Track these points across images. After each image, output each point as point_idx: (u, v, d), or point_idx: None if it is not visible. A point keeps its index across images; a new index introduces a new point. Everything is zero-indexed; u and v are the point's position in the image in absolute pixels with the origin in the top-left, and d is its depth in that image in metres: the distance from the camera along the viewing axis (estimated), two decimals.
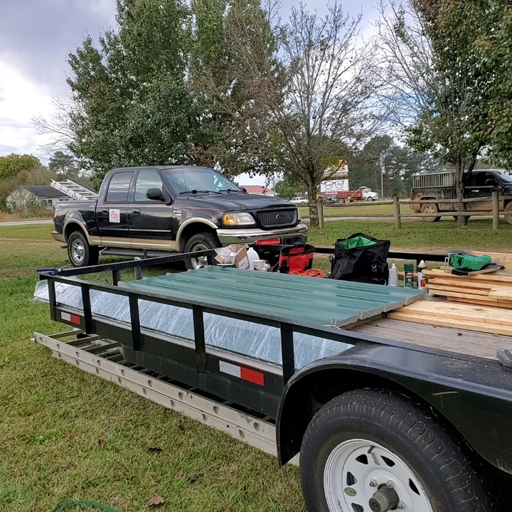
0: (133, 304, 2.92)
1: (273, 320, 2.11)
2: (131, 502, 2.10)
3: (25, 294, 6.75)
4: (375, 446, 1.51)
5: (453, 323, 2.43)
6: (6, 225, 32.28)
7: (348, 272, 3.91)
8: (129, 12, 20.45)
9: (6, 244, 16.45)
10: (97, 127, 20.63)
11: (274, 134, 19.07)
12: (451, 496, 1.28)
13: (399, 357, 1.56)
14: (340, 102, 18.24)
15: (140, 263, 4.83)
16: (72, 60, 21.14)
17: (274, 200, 8.61)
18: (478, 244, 10.14)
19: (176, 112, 18.68)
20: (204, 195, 7.97)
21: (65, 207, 10.00)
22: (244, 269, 4.61)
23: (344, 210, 26.55)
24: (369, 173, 69.01)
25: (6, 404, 3.17)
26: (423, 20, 14.48)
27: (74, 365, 3.82)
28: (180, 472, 2.30)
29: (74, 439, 2.67)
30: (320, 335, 1.98)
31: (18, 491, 2.21)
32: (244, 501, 2.06)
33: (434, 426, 1.35)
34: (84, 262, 9.40)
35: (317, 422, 1.61)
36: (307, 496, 1.71)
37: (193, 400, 2.78)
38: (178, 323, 2.80)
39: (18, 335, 4.76)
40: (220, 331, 2.55)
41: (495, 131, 11.59)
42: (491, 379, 1.30)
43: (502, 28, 10.55)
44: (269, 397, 2.24)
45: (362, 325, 2.58)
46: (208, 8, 20.15)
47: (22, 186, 59.31)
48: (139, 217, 8.18)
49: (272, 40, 20.15)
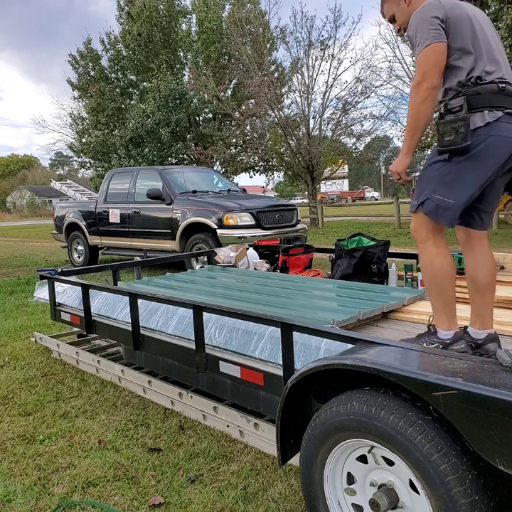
0: (133, 304, 2.92)
1: (273, 320, 2.11)
2: (131, 502, 2.10)
3: (25, 294, 6.74)
4: (375, 446, 1.51)
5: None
6: (6, 225, 32.29)
7: (348, 272, 3.92)
8: (129, 12, 20.46)
9: (6, 244, 16.45)
10: (97, 127, 20.64)
11: (274, 134, 19.07)
12: (451, 495, 1.28)
13: (399, 357, 1.56)
14: (340, 102, 18.26)
15: (140, 263, 4.83)
16: (72, 60, 21.16)
17: (274, 200, 8.61)
18: None
19: (176, 111, 18.69)
20: (204, 195, 7.97)
21: (65, 207, 9.99)
22: (244, 269, 4.61)
23: (344, 210, 26.54)
24: (369, 173, 69.04)
25: (6, 404, 3.17)
26: None
27: (74, 365, 3.82)
28: (180, 472, 2.30)
29: (74, 439, 2.67)
30: (320, 335, 1.98)
31: (18, 491, 2.21)
32: (244, 501, 2.06)
33: (434, 426, 1.35)
34: (84, 262, 9.40)
35: (317, 422, 1.61)
36: (307, 496, 1.71)
37: (193, 400, 2.78)
38: (178, 323, 2.80)
39: (18, 335, 4.76)
40: (220, 331, 2.55)
41: None
42: (490, 379, 1.30)
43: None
44: (269, 397, 2.24)
45: (362, 325, 2.58)
46: (208, 8, 20.17)
47: (22, 186, 59.33)
48: (139, 217, 8.17)
49: (272, 40, 20.17)
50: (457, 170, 1.91)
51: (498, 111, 1.88)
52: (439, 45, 1.91)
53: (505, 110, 1.89)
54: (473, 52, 1.93)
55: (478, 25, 1.98)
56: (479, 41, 1.95)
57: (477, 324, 2.04)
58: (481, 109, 1.88)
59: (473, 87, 1.91)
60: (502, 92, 1.90)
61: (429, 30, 1.92)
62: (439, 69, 1.93)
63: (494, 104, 1.89)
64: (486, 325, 2.03)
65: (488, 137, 1.86)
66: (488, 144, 1.86)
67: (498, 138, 1.87)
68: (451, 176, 1.92)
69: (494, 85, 1.90)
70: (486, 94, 1.89)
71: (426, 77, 1.90)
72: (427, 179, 1.99)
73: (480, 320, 2.04)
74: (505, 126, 1.88)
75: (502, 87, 1.90)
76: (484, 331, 2.03)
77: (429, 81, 1.90)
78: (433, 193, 1.95)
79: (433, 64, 1.91)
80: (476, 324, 2.05)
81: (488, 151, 1.87)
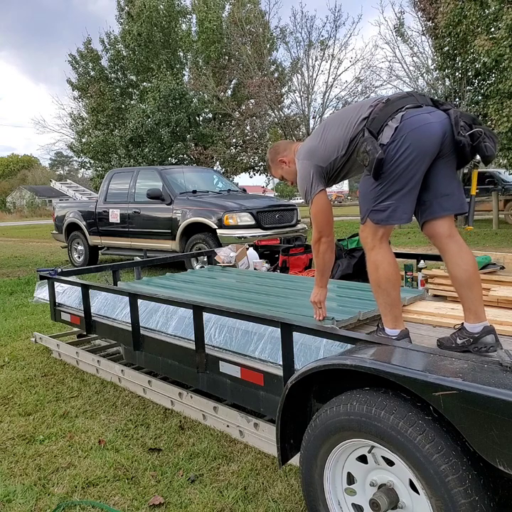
0: (133, 304, 2.92)
1: (273, 320, 2.11)
2: (131, 502, 2.10)
3: (25, 294, 6.74)
4: (375, 446, 1.51)
5: (453, 323, 2.42)
6: (6, 225, 32.28)
7: (348, 272, 3.91)
8: (129, 12, 20.44)
9: (6, 244, 16.44)
10: (97, 127, 20.62)
11: (274, 134, 19.06)
12: (451, 496, 1.28)
13: (399, 357, 1.56)
14: (340, 102, 18.22)
15: (140, 263, 4.83)
16: (72, 60, 21.12)
17: (274, 200, 8.61)
18: (478, 244, 10.13)
19: (175, 112, 18.67)
20: (204, 195, 7.96)
21: (65, 207, 9.99)
22: (244, 269, 4.61)
23: (344, 210, 26.52)
24: None
25: (6, 404, 3.17)
26: (423, 20, 14.50)
27: (74, 365, 3.82)
28: (180, 472, 2.30)
29: (74, 439, 2.67)
30: (320, 335, 1.98)
31: (18, 491, 2.21)
32: (244, 501, 2.06)
33: (434, 426, 1.35)
34: (84, 262, 9.39)
35: (317, 422, 1.61)
36: (307, 496, 1.71)
37: (193, 400, 2.78)
38: (178, 324, 2.80)
39: (18, 335, 4.76)
40: (220, 331, 2.55)
41: (495, 131, 11.57)
42: (490, 379, 1.30)
43: (502, 28, 10.55)
44: (269, 397, 2.24)
45: (362, 325, 2.58)
46: (208, 8, 20.14)
47: (22, 186, 59.28)
48: (139, 217, 8.17)
49: (272, 40, 20.12)
50: (389, 175, 2.01)
51: (398, 114, 2.01)
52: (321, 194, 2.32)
53: (404, 108, 2.02)
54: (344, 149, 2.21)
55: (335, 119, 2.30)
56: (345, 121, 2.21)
57: (471, 318, 2.07)
58: (384, 124, 2.02)
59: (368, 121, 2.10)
60: (388, 101, 2.08)
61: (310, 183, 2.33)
62: (331, 225, 2.38)
63: (391, 112, 2.03)
64: (480, 318, 2.06)
65: (404, 136, 1.97)
66: (404, 141, 1.97)
67: (412, 132, 1.97)
68: (385, 183, 2.03)
69: (381, 104, 2.09)
70: (380, 113, 2.06)
71: (323, 234, 2.34)
72: (364, 195, 2.13)
73: (473, 314, 2.07)
74: (412, 119, 1.99)
75: (386, 101, 2.10)
76: (480, 324, 2.05)
77: (325, 236, 2.34)
78: (376, 204, 2.07)
79: (326, 223, 2.34)
80: (471, 319, 2.07)
81: (410, 147, 1.96)
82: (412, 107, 2.02)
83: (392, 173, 1.99)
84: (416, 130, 1.97)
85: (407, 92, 2.15)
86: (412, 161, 1.97)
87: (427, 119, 1.99)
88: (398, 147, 1.97)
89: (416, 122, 1.98)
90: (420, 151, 1.97)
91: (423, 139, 1.97)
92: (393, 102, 2.07)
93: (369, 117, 2.10)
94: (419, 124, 1.98)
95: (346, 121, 2.19)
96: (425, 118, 1.99)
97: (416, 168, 1.99)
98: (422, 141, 1.97)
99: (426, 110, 2.02)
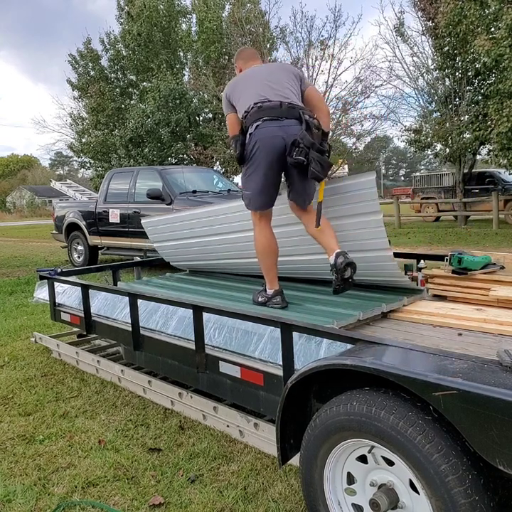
0: (133, 304, 2.92)
1: (273, 320, 2.11)
2: (131, 502, 2.10)
3: (25, 294, 6.74)
4: (375, 446, 1.51)
5: (453, 323, 2.43)
6: (6, 225, 32.27)
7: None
8: (128, 12, 20.43)
9: (6, 244, 16.44)
10: (96, 127, 20.61)
11: None
12: (451, 496, 1.28)
13: (399, 357, 1.56)
14: (340, 101, 18.22)
15: (140, 263, 4.82)
16: (71, 60, 21.11)
17: None
18: (478, 244, 10.14)
19: (175, 111, 18.67)
20: (204, 195, 7.95)
21: (65, 207, 9.98)
22: None
23: None
24: None
25: (6, 404, 3.17)
26: (423, 20, 14.50)
27: (74, 365, 3.82)
28: (180, 472, 2.30)
29: (74, 439, 2.67)
30: (320, 335, 1.98)
31: (18, 491, 2.20)
32: (244, 501, 2.06)
33: (434, 426, 1.35)
34: (84, 262, 9.38)
35: (317, 422, 1.61)
36: (307, 496, 1.71)
37: (193, 400, 2.78)
38: (178, 324, 2.80)
39: (18, 335, 4.76)
40: (220, 331, 2.55)
41: (495, 131, 11.58)
42: (490, 379, 1.30)
43: (502, 28, 10.56)
44: (269, 397, 2.24)
45: (362, 325, 2.58)
46: (208, 8, 20.13)
47: (22, 186, 59.25)
48: (139, 217, 8.16)
49: (271, 40, 20.11)
50: (248, 168, 2.71)
51: (257, 122, 2.63)
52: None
53: (263, 118, 2.61)
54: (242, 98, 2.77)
55: (249, 78, 2.83)
56: (247, 89, 2.77)
57: (328, 254, 2.57)
58: (249, 126, 2.67)
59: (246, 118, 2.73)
60: (260, 108, 2.64)
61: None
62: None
63: (254, 119, 2.65)
64: (332, 250, 2.55)
65: (255, 142, 2.63)
66: (254, 146, 2.64)
67: (259, 141, 2.62)
68: (248, 174, 2.73)
69: (255, 108, 2.66)
70: (250, 117, 2.68)
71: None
72: (242, 183, 2.80)
73: (327, 250, 2.59)
74: (263, 130, 2.61)
75: (258, 107, 2.65)
76: (333, 255, 2.52)
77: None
78: (244, 191, 2.82)
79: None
80: (328, 254, 2.58)
81: (258, 150, 2.63)
82: (269, 119, 2.61)
83: (251, 165, 2.68)
84: (263, 140, 2.61)
85: (280, 103, 2.63)
86: (261, 158, 2.62)
87: (275, 132, 2.59)
88: (250, 150, 2.65)
89: (264, 133, 2.61)
90: (267, 152, 2.61)
91: (267, 148, 2.61)
92: (262, 111, 2.63)
93: (248, 112, 2.68)
94: (266, 135, 2.60)
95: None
96: (273, 131, 2.59)
97: (264, 165, 2.63)
98: (267, 146, 2.60)
99: (279, 124, 2.59)
